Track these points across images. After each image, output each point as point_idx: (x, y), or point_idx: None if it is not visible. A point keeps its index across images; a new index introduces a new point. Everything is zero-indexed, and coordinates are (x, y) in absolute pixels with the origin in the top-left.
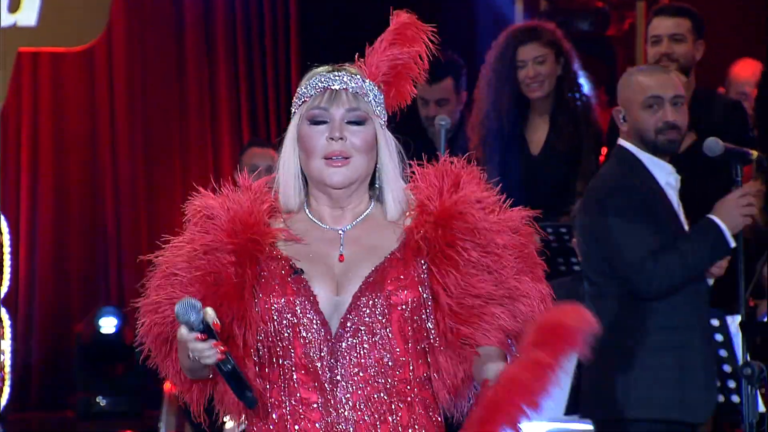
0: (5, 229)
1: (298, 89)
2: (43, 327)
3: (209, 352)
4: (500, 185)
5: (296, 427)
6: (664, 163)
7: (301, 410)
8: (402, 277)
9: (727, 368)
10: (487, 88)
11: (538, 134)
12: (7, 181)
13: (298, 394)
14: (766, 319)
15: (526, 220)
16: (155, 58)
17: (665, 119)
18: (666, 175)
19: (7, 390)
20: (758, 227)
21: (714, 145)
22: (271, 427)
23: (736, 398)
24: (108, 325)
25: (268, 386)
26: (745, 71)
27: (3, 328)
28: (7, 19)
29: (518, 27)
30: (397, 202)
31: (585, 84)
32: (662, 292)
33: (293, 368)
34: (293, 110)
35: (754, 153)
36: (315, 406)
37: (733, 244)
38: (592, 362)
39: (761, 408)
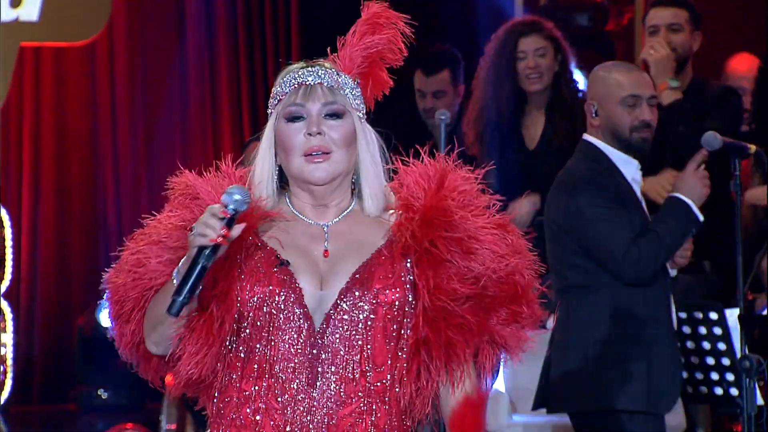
0: (7, 223)
1: (273, 89)
2: (45, 320)
3: (215, 231)
4: (497, 179)
5: (271, 422)
6: (631, 159)
7: (276, 405)
8: (390, 275)
9: (726, 361)
10: (486, 80)
11: (534, 129)
12: (9, 175)
13: (276, 388)
14: (764, 312)
15: (512, 227)
16: (156, 53)
17: (642, 118)
18: (633, 171)
19: (9, 383)
20: (759, 219)
21: (713, 139)
22: (243, 420)
23: (734, 391)
24: (109, 318)
25: (235, 377)
26: (742, 66)
27: (5, 321)
28: (9, 14)
29: (520, 20)
30: (375, 197)
31: (580, 80)
32: (648, 275)
33: (271, 361)
34: (269, 110)
35: (752, 147)
36: (291, 401)
37: (701, 217)
38: (564, 355)
39: (759, 401)
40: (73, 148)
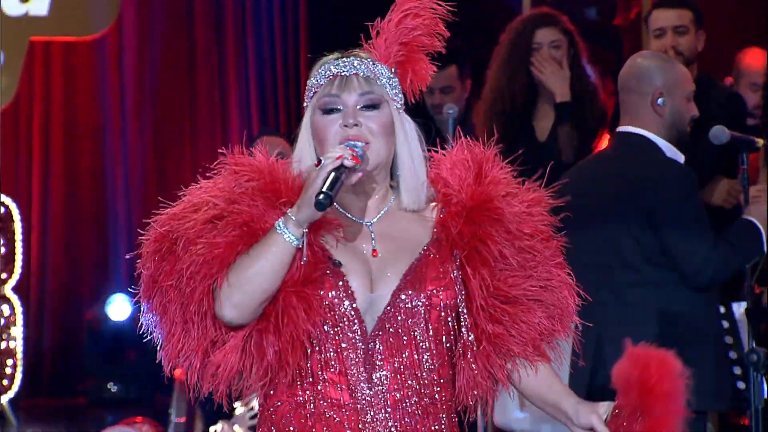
0: (17, 217)
1: (308, 81)
2: (55, 314)
3: (346, 154)
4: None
5: (324, 428)
6: (681, 154)
7: (330, 410)
8: (441, 276)
9: (733, 355)
10: (499, 70)
11: (545, 121)
12: (18, 169)
13: (328, 393)
14: None
15: (545, 197)
16: (165, 47)
17: (694, 113)
18: None
19: (19, 376)
20: None
21: (720, 133)
22: (295, 427)
23: (741, 384)
24: (119, 311)
25: (285, 381)
26: (756, 61)
27: (15, 315)
28: (19, 9)
29: (537, 11)
30: (413, 190)
31: (591, 75)
32: (715, 282)
33: (324, 365)
34: (305, 103)
35: (760, 141)
36: (345, 406)
37: (765, 248)
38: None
39: (766, 394)
40: (83, 141)
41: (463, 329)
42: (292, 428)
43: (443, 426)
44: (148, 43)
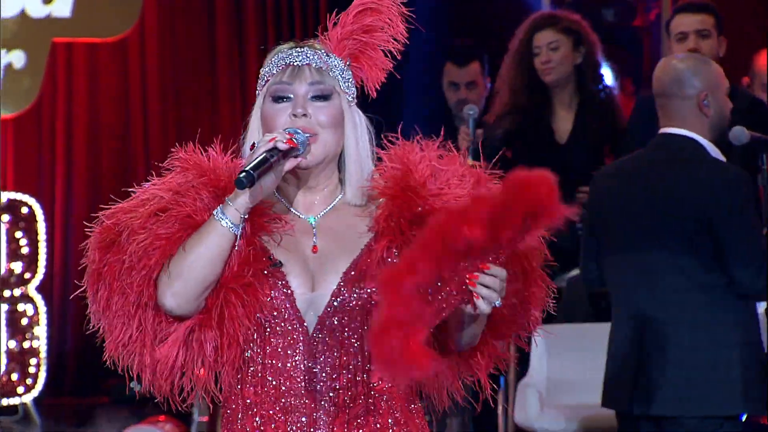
0: (41, 217)
1: (261, 69)
2: (78, 313)
3: (281, 137)
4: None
5: (273, 427)
6: (721, 153)
7: (276, 411)
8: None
9: None
10: (507, 74)
11: (563, 124)
12: (42, 169)
13: (273, 394)
14: None
15: (490, 177)
16: (187, 48)
17: (731, 106)
18: None
19: (42, 375)
20: None
21: (740, 133)
22: (249, 430)
23: None
24: None
25: (234, 383)
26: None
27: (38, 314)
28: (42, 10)
29: (538, 14)
30: (356, 183)
31: (607, 75)
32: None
33: (267, 368)
34: (257, 91)
35: None
36: (290, 406)
37: None
38: (693, 356)
39: None
40: (105, 142)
41: None
42: (248, 430)
43: (397, 420)
44: (170, 45)
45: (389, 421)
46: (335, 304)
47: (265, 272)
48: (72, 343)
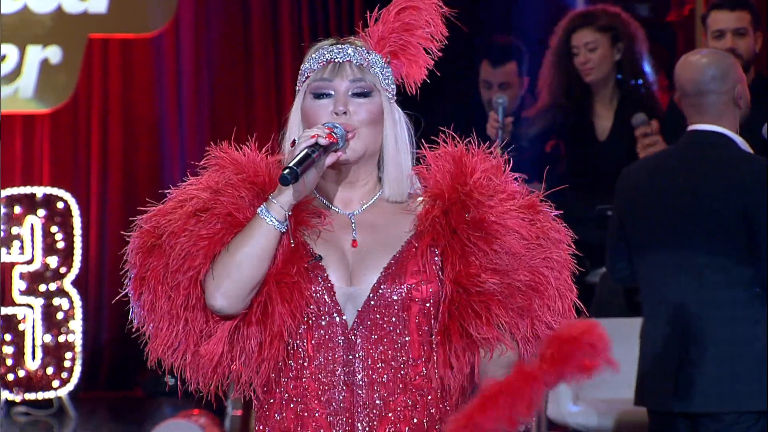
0: (76, 212)
1: (302, 65)
2: (113, 308)
3: (321, 132)
4: (568, 171)
5: (313, 423)
6: (748, 145)
7: (317, 405)
8: (422, 269)
9: None
10: (548, 73)
11: (603, 121)
12: (77, 165)
13: (311, 388)
14: None
15: (544, 205)
16: (222, 44)
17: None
18: None
19: (78, 369)
20: None
21: None
22: (286, 423)
23: None
24: None
25: (274, 376)
26: None
27: (74, 308)
28: (78, 7)
29: (575, 13)
30: (396, 181)
31: (648, 68)
32: None
33: (306, 360)
34: (297, 87)
35: None
36: (328, 400)
37: None
38: (737, 351)
39: None
40: (141, 138)
41: (443, 322)
42: (285, 425)
43: (433, 417)
44: (205, 40)
45: (425, 417)
46: (375, 298)
47: (305, 266)
48: (107, 337)
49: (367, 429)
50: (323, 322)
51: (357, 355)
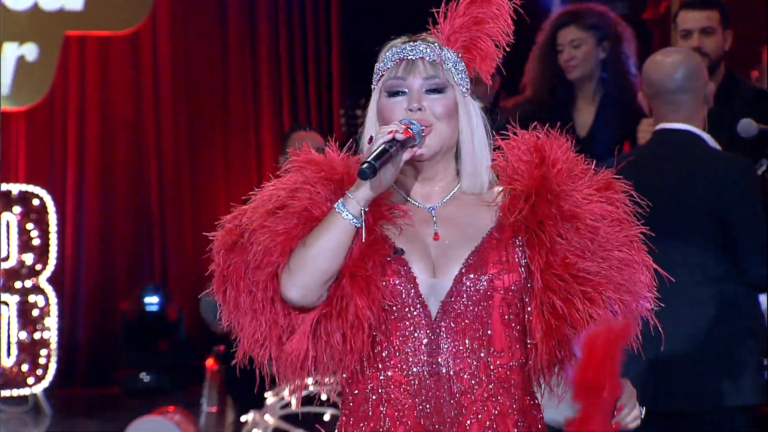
0: (52, 209)
1: (376, 65)
2: (89, 305)
3: (398, 128)
4: None
5: (396, 413)
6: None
7: (398, 395)
8: (504, 259)
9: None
10: (532, 68)
11: (585, 117)
12: (54, 161)
13: (396, 379)
14: None
15: (617, 183)
16: (199, 42)
17: None
18: None
19: (53, 367)
20: None
21: (748, 126)
22: (371, 413)
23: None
24: (152, 302)
25: (359, 368)
26: None
27: (49, 305)
28: (55, 4)
29: (562, 11)
30: (475, 174)
31: (633, 67)
32: None
33: (391, 351)
34: (372, 87)
35: None
36: (412, 391)
37: None
38: (707, 348)
39: None
40: (117, 134)
41: (529, 312)
42: (370, 415)
43: (514, 409)
44: (181, 38)
45: (508, 408)
46: (457, 289)
47: (388, 259)
48: (83, 334)
49: (452, 419)
50: (408, 314)
51: (441, 346)
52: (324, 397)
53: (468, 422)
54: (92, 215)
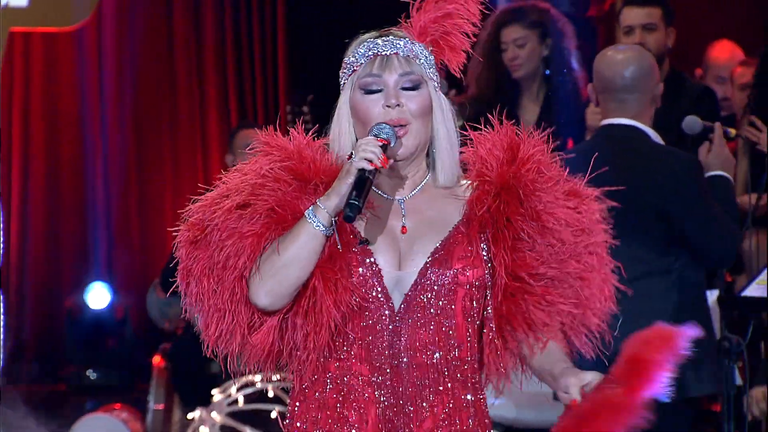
0: None
1: (346, 58)
2: (35, 302)
3: (376, 156)
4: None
5: (354, 403)
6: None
7: (357, 385)
8: (469, 255)
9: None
10: (476, 67)
11: (529, 115)
12: None
13: (356, 369)
14: (743, 294)
15: (587, 191)
16: (145, 38)
17: None
18: None
19: None
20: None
21: (693, 123)
22: (326, 401)
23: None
24: (98, 299)
25: (328, 357)
26: (722, 54)
27: None
28: None
29: (504, 8)
30: (448, 169)
31: (576, 64)
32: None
33: (352, 341)
34: (342, 80)
35: (733, 131)
36: (372, 381)
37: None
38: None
39: (738, 381)
40: (63, 131)
41: (488, 307)
42: (325, 402)
43: (469, 403)
44: (127, 34)
45: (463, 403)
46: (421, 282)
47: (354, 249)
48: (29, 331)
49: (409, 410)
50: (371, 306)
51: (403, 338)
52: (271, 394)
53: (424, 414)
54: (37, 212)
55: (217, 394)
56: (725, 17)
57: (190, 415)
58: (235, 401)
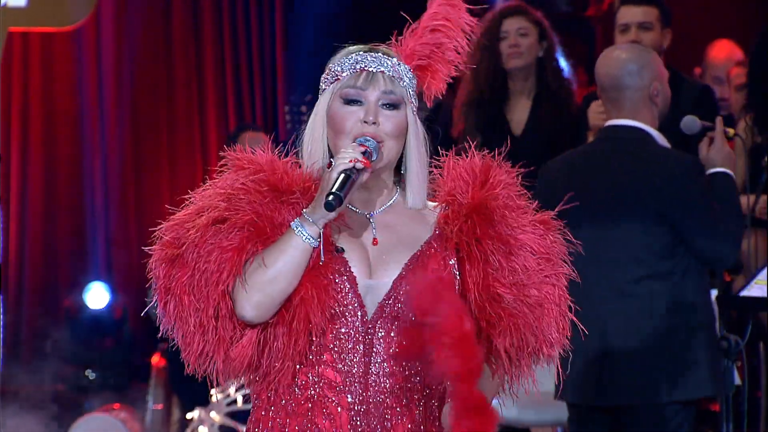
0: None
1: (330, 65)
2: (33, 302)
3: (358, 156)
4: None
5: (324, 410)
6: (666, 140)
7: (328, 392)
8: (442, 267)
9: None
10: (472, 59)
11: (519, 115)
12: None
13: (327, 375)
14: (741, 294)
15: (554, 224)
16: (143, 38)
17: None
18: None
19: None
20: None
21: (692, 123)
22: (294, 407)
23: None
24: (96, 299)
25: (299, 365)
26: (720, 54)
27: None
28: None
29: (507, 4)
30: (418, 191)
31: (565, 69)
32: (736, 256)
33: (324, 348)
34: (322, 86)
35: (731, 131)
36: (342, 389)
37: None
38: (652, 343)
39: (737, 381)
40: (61, 131)
41: None
42: (290, 409)
43: (436, 416)
44: (126, 34)
45: (430, 415)
46: (395, 291)
47: (330, 257)
48: (27, 331)
49: (378, 420)
50: (344, 312)
51: (375, 347)
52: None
53: (391, 424)
54: (36, 212)
55: (216, 394)
56: (726, 17)
57: (188, 415)
58: (234, 401)
